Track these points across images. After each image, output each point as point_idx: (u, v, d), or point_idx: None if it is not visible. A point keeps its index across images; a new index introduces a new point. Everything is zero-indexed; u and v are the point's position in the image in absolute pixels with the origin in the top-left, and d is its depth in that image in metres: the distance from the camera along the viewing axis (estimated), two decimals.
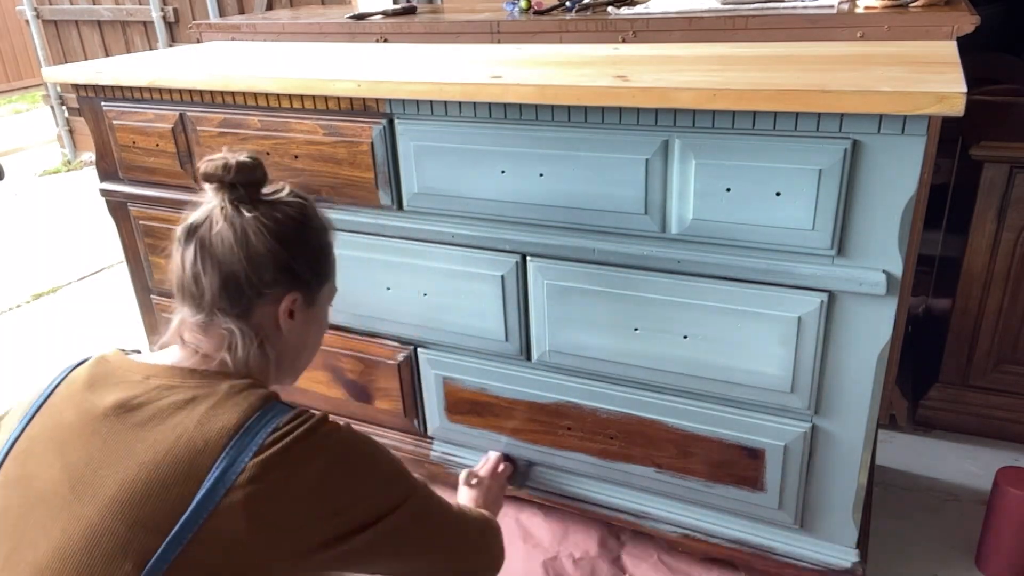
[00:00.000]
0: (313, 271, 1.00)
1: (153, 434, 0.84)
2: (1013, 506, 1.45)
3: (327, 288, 1.05)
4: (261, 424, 0.86)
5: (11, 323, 2.90)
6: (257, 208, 0.94)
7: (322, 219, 1.03)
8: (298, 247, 0.96)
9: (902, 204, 1.13)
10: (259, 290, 0.94)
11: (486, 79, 1.33)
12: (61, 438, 0.87)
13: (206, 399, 0.87)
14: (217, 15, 3.92)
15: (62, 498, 0.83)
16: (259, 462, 0.83)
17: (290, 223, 0.96)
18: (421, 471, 1.77)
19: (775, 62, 1.36)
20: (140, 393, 0.88)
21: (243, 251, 0.92)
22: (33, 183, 4.67)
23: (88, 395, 0.89)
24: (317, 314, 1.04)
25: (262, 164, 0.97)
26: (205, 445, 0.83)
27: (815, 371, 1.27)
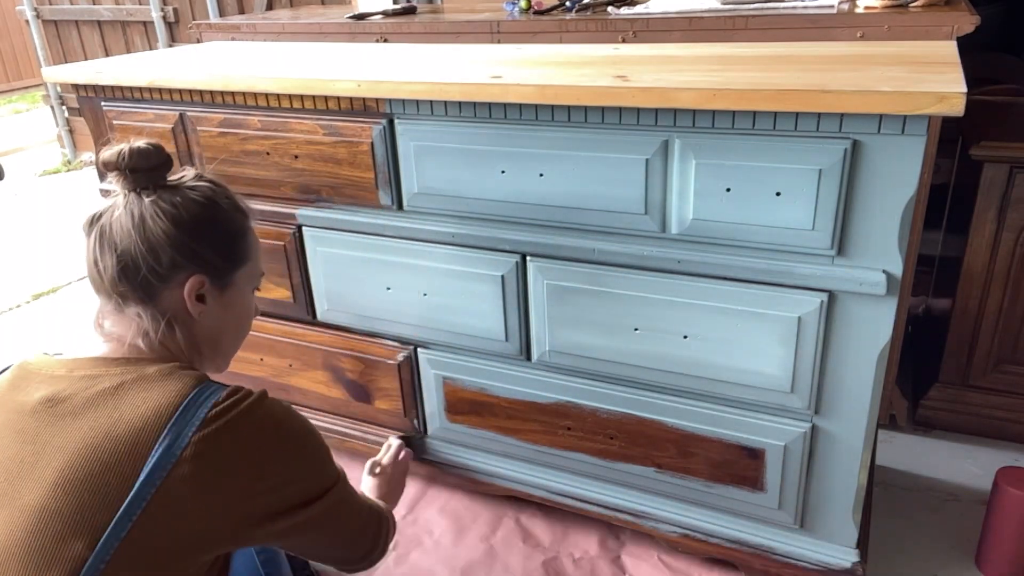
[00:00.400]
0: (220, 254, 0.99)
1: (87, 421, 0.85)
2: (1013, 506, 1.45)
3: (243, 272, 1.04)
4: (200, 400, 0.87)
5: (11, 323, 2.91)
6: (157, 193, 0.95)
7: (234, 203, 1.04)
8: (199, 230, 0.96)
9: (902, 204, 1.13)
10: (159, 274, 0.94)
11: (486, 79, 1.33)
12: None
13: (135, 384, 0.88)
14: (217, 15, 3.92)
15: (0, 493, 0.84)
16: (203, 436, 0.85)
17: (192, 206, 0.96)
18: (421, 471, 1.77)
19: (775, 62, 1.36)
20: (66, 386, 0.89)
21: (139, 235, 0.93)
22: (33, 183, 4.67)
23: (13, 395, 0.90)
24: (235, 298, 1.04)
25: (162, 150, 0.98)
26: (144, 424, 0.84)
27: (815, 371, 1.27)
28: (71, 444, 0.84)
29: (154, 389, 0.88)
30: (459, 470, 1.71)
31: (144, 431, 0.84)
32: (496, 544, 1.66)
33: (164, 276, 0.95)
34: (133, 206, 0.94)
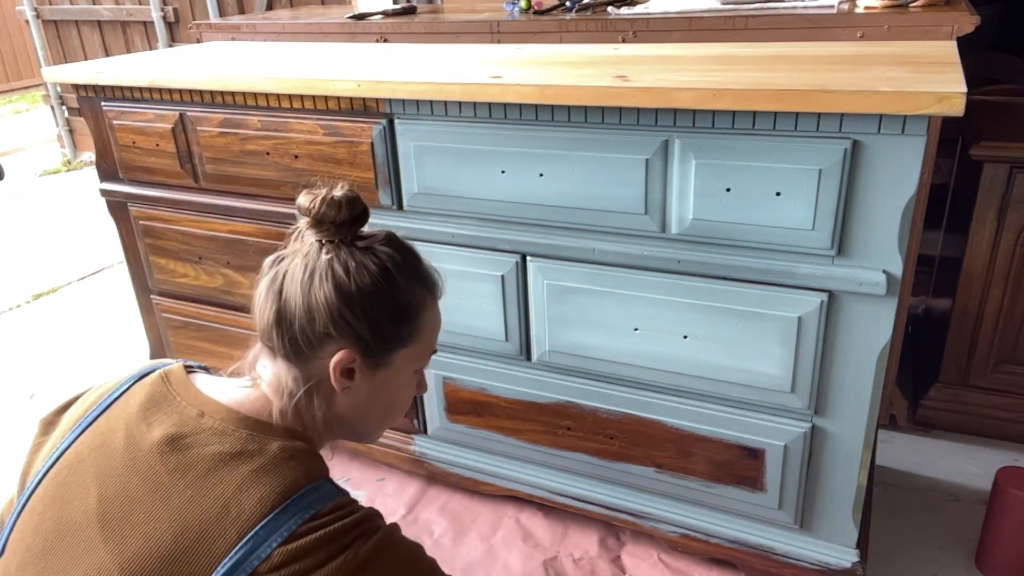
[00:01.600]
0: (376, 332, 0.89)
1: (191, 487, 0.79)
2: (1013, 506, 1.45)
3: (404, 353, 0.93)
4: (301, 504, 0.79)
5: (11, 323, 2.90)
6: (339, 251, 0.87)
7: (417, 276, 0.94)
8: (362, 304, 0.87)
9: (902, 204, 1.13)
10: (309, 339, 0.87)
11: (486, 79, 1.33)
12: (104, 464, 0.83)
13: (252, 459, 0.81)
14: (217, 15, 3.92)
15: (89, 536, 0.79)
16: (287, 551, 0.76)
17: (362, 276, 0.87)
18: (420, 471, 1.77)
19: (775, 62, 1.36)
20: (190, 432, 0.83)
21: (303, 292, 0.86)
22: (33, 183, 4.67)
23: (140, 422, 0.85)
24: (389, 380, 0.94)
25: (356, 202, 0.90)
26: (238, 516, 0.77)
27: (815, 371, 1.26)
28: (166, 512, 0.77)
29: (265, 473, 0.79)
30: (459, 470, 1.71)
31: (233, 526, 0.76)
32: (496, 544, 1.66)
33: (314, 343, 0.87)
34: (310, 259, 0.87)
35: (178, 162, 1.71)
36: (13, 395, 2.41)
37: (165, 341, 2.01)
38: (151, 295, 1.96)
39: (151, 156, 1.74)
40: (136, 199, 1.83)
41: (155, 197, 1.80)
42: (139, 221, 1.85)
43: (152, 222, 1.83)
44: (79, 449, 0.86)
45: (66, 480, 0.84)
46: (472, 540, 1.67)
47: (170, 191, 1.77)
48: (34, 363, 2.59)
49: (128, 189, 1.83)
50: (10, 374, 2.53)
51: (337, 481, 0.87)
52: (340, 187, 0.89)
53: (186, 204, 1.76)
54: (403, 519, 1.73)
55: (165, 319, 1.96)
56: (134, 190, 1.82)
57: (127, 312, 2.70)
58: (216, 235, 1.75)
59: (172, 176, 1.74)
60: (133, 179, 1.81)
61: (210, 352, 1.90)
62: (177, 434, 0.82)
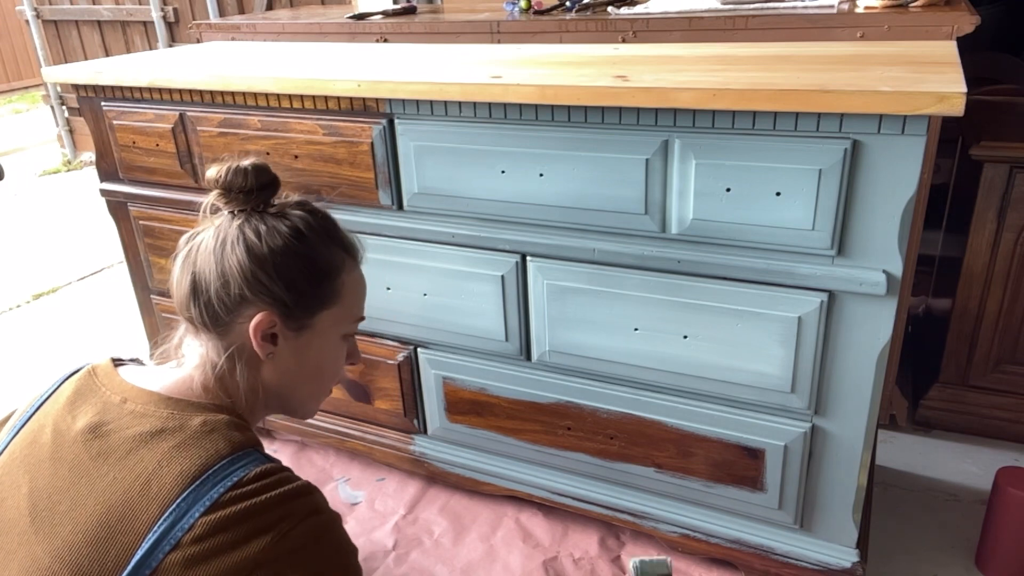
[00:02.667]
0: (293, 291, 0.89)
1: (113, 469, 0.79)
2: (1013, 506, 1.45)
3: (328, 314, 0.93)
4: (223, 475, 0.77)
5: (11, 323, 2.90)
6: (249, 218, 0.88)
7: (332, 237, 0.94)
8: (275, 263, 0.87)
9: (902, 204, 1.13)
10: (226, 304, 0.87)
11: (486, 79, 1.33)
12: (33, 459, 0.84)
13: (173, 434, 0.80)
14: (217, 15, 3.92)
15: (21, 531, 0.79)
16: (208, 521, 0.74)
17: (274, 237, 0.87)
18: (420, 471, 1.77)
19: (775, 62, 1.36)
20: (112, 419, 0.83)
21: (216, 259, 0.87)
22: (33, 183, 4.67)
23: (67, 413, 0.86)
24: (314, 343, 0.93)
25: (264, 170, 0.90)
26: (159, 491, 0.76)
27: (815, 371, 1.27)
28: (91, 497, 0.78)
29: (186, 447, 0.79)
30: (459, 470, 1.71)
31: (155, 500, 0.75)
32: (496, 544, 1.66)
33: (231, 308, 0.87)
34: (222, 229, 0.88)
35: (178, 162, 1.71)
36: (13, 395, 2.41)
37: None
38: (151, 295, 1.96)
39: (151, 156, 1.74)
40: (136, 199, 1.83)
41: (155, 197, 1.80)
42: (139, 221, 1.85)
43: (152, 222, 1.83)
44: (12, 450, 0.87)
45: (0, 481, 0.85)
46: (472, 540, 1.67)
47: (170, 191, 1.77)
48: (34, 363, 2.59)
49: (128, 189, 1.83)
50: (10, 374, 2.53)
51: (336, 481, 0.86)
52: (250, 158, 0.90)
53: (186, 204, 1.76)
54: (403, 519, 1.73)
55: (165, 319, 1.96)
56: (134, 190, 1.82)
57: (127, 312, 2.70)
58: None
59: (172, 176, 1.74)
60: (133, 179, 1.81)
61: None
62: (99, 421, 0.83)
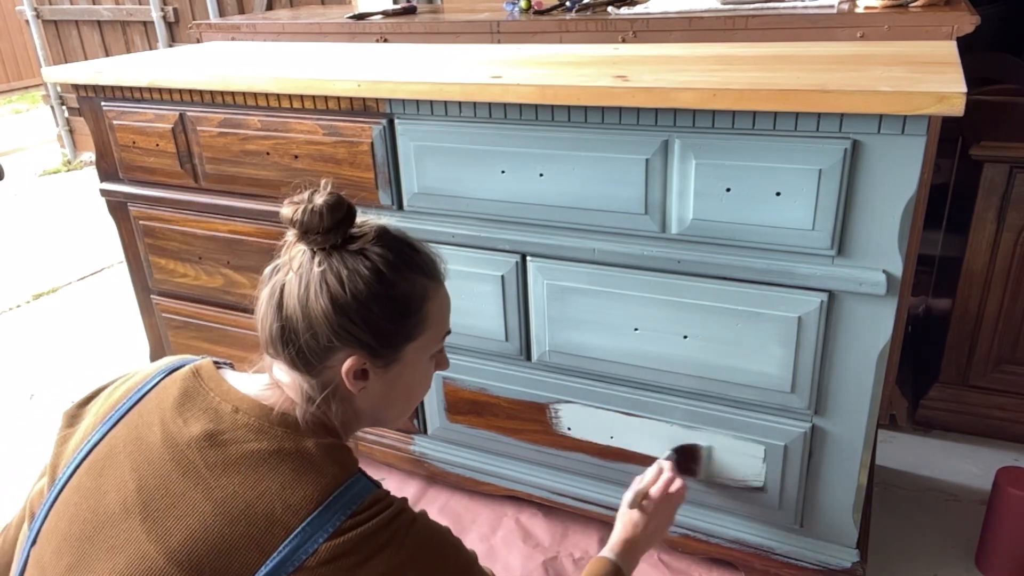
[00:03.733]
0: (377, 334, 0.89)
1: (233, 482, 0.81)
2: (1013, 506, 1.45)
3: (413, 346, 0.93)
4: (341, 502, 0.81)
5: (11, 323, 2.90)
6: (330, 259, 0.87)
7: (414, 267, 0.93)
8: (360, 311, 0.87)
9: (902, 204, 1.13)
10: (316, 352, 0.87)
11: (486, 79, 1.33)
12: (142, 456, 0.84)
13: (291, 458, 0.83)
14: (217, 15, 3.92)
15: (130, 526, 0.80)
16: (333, 546, 0.79)
17: (356, 283, 0.86)
18: (420, 471, 1.77)
19: (775, 62, 1.36)
20: (227, 428, 0.84)
21: (302, 307, 0.86)
22: (33, 183, 4.67)
23: (176, 416, 0.86)
24: (403, 371, 0.94)
25: (341, 206, 0.88)
26: (284, 513, 0.79)
27: (815, 371, 1.26)
28: (209, 506, 0.79)
29: (306, 471, 0.82)
30: (459, 470, 1.71)
31: (280, 523, 0.78)
32: (496, 544, 1.66)
33: (321, 355, 0.88)
34: (304, 272, 0.87)
35: (178, 162, 1.71)
36: (13, 395, 2.41)
37: (165, 341, 2.01)
38: (151, 295, 1.96)
39: (151, 156, 1.74)
40: (136, 199, 1.83)
41: (155, 197, 1.80)
42: (139, 221, 1.85)
43: (152, 222, 1.83)
44: (112, 442, 0.87)
45: (102, 472, 0.85)
46: (472, 540, 1.67)
47: (170, 191, 1.77)
48: (34, 363, 2.59)
49: (128, 189, 1.83)
50: (10, 374, 2.53)
51: None
52: (321, 192, 0.88)
53: (186, 204, 1.76)
54: None
55: (165, 319, 1.96)
56: (134, 190, 1.82)
57: (127, 312, 2.70)
58: (216, 235, 1.75)
59: (172, 176, 1.74)
60: (133, 179, 1.81)
61: (210, 352, 1.90)
62: (215, 430, 0.84)
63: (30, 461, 2.06)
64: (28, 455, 2.09)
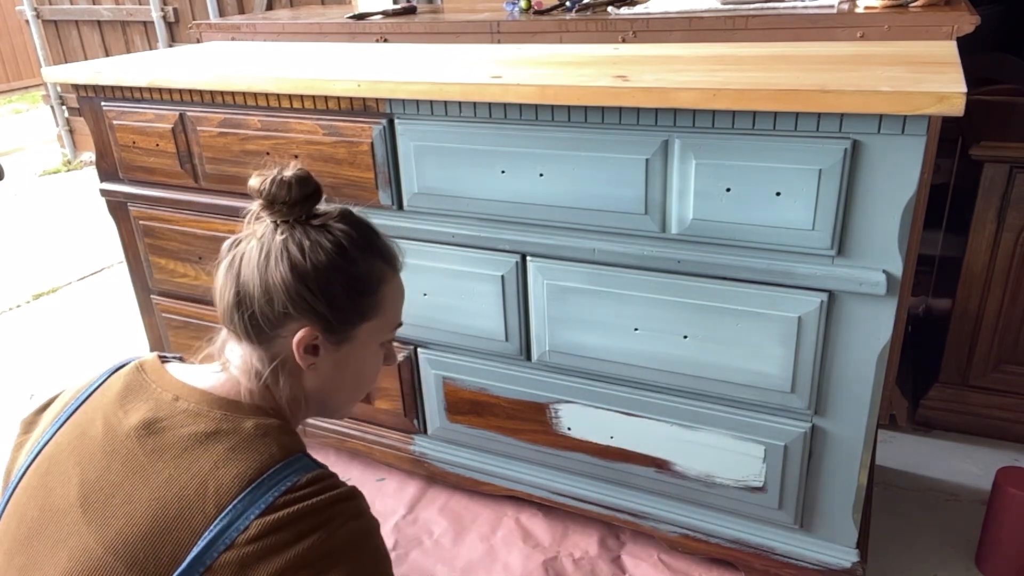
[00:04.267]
0: (335, 308, 0.90)
1: (168, 467, 0.80)
2: (1013, 506, 1.45)
3: (367, 327, 0.94)
4: (277, 479, 0.80)
5: (11, 323, 2.90)
6: (293, 231, 0.89)
7: (373, 251, 0.94)
8: (318, 281, 0.88)
9: (902, 204, 1.13)
10: (269, 319, 0.88)
11: (486, 79, 1.33)
12: (84, 451, 0.85)
13: (227, 437, 0.83)
14: (217, 15, 3.92)
15: (72, 520, 0.80)
16: (264, 523, 0.77)
17: (318, 254, 0.88)
18: (420, 471, 1.77)
19: (775, 62, 1.36)
20: (165, 416, 0.84)
21: (259, 274, 0.87)
22: (33, 183, 4.67)
23: (117, 409, 0.87)
24: (354, 353, 0.94)
25: (308, 181, 0.89)
26: (216, 492, 0.78)
27: (815, 371, 1.26)
28: (145, 492, 0.79)
29: (241, 450, 0.81)
30: (459, 470, 1.71)
31: (211, 500, 0.78)
32: (496, 544, 1.66)
33: (275, 322, 0.88)
34: (266, 240, 0.88)
35: (178, 162, 1.71)
36: (13, 395, 2.41)
37: (165, 341, 2.01)
38: (151, 295, 1.96)
39: (151, 156, 1.74)
40: (136, 199, 1.83)
41: (155, 197, 1.80)
42: (139, 221, 1.85)
43: (152, 222, 1.83)
44: (59, 441, 0.88)
45: (48, 470, 0.86)
46: (472, 540, 1.67)
47: (170, 191, 1.77)
48: (34, 363, 2.59)
49: (128, 189, 1.83)
50: (10, 374, 2.53)
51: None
52: (292, 167, 0.90)
53: (186, 204, 1.76)
54: (403, 519, 1.73)
55: (165, 319, 1.96)
56: (134, 190, 1.82)
57: (127, 312, 2.70)
58: (216, 235, 1.75)
59: (172, 176, 1.74)
60: (133, 179, 1.81)
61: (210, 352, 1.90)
62: (153, 418, 0.84)
63: None
64: None
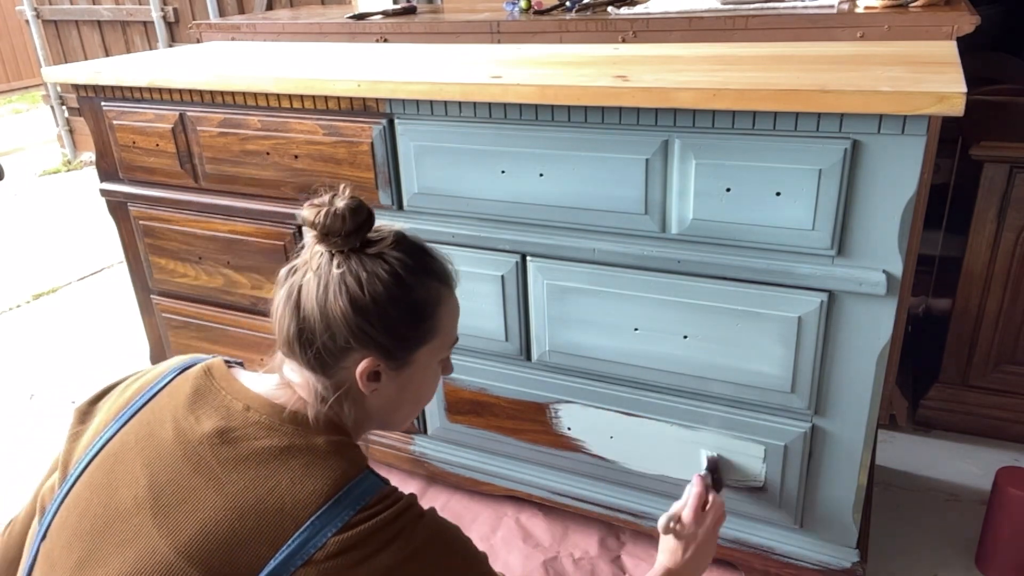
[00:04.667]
0: (395, 337, 0.91)
1: (244, 477, 0.82)
2: (1013, 506, 1.45)
3: (426, 349, 0.95)
4: (351, 497, 0.82)
5: (11, 323, 2.90)
6: (349, 261, 0.89)
7: (429, 273, 0.95)
8: (378, 313, 0.88)
9: (902, 204, 1.13)
10: (332, 352, 0.89)
11: (486, 79, 1.33)
12: (153, 452, 0.85)
13: (301, 454, 0.84)
14: (217, 15, 3.92)
15: (141, 520, 0.81)
16: (341, 540, 0.79)
17: (375, 285, 0.88)
18: (420, 471, 1.77)
19: (775, 62, 1.36)
20: (238, 426, 0.86)
21: (320, 308, 0.88)
22: (33, 183, 4.67)
23: (188, 414, 0.87)
24: (415, 375, 0.96)
25: (361, 210, 0.89)
26: (293, 507, 0.80)
27: (815, 371, 1.26)
28: (220, 501, 0.81)
29: (315, 467, 0.83)
30: (459, 470, 1.71)
31: (290, 516, 0.80)
32: (496, 544, 1.66)
33: (337, 355, 0.89)
34: (323, 273, 0.88)
35: (178, 162, 1.71)
36: (13, 395, 2.41)
37: (165, 341, 2.01)
38: (151, 295, 1.96)
39: (151, 156, 1.74)
40: (136, 199, 1.83)
41: (155, 197, 1.80)
42: (139, 221, 1.85)
43: (152, 222, 1.83)
44: (124, 439, 0.88)
45: (113, 468, 0.86)
46: (472, 540, 1.67)
47: (170, 191, 1.77)
48: (34, 363, 2.59)
49: (128, 189, 1.83)
50: (10, 374, 2.53)
51: None
52: (342, 195, 0.90)
53: (186, 204, 1.76)
54: None
55: (165, 319, 1.96)
56: (134, 190, 1.82)
57: (127, 312, 2.70)
58: (216, 235, 1.76)
59: (172, 176, 1.74)
60: (133, 179, 1.81)
61: (210, 352, 1.90)
62: (226, 427, 0.86)
63: (31, 461, 2.06)
64: (28, 455, 2.09)
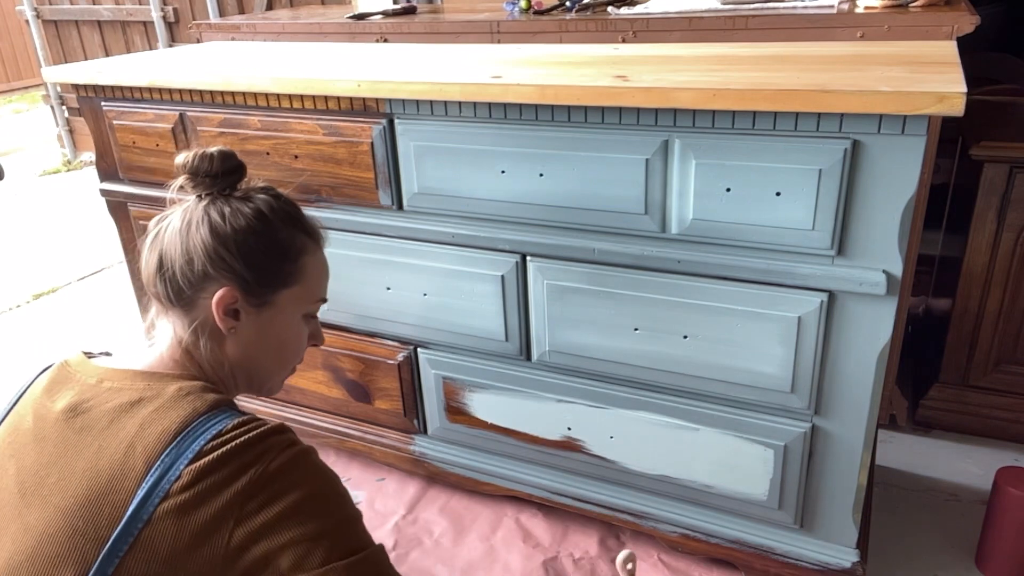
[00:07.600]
0: (253, 268, 0.93)
1: (97, 439, 0.82)
2: (1013, 506, 1.45)
3: (288, 293, 0.97)
4: (203, 429, 0.81)
5: (11, 323, 2.90)
6: (215, 200, 0.94)
7: (296, 222, 0.98)
8: (237, 241, 0.91)
9: (902, 204, 1.13)
10: (190, 280, 0.91)
11: (486, 79, 1.33)
12: (18, 443, 0.87)
13: (151, 401, 0.85)
14: (217, 15, 3.92)
15: (13, 506, 0.83)
16: (195, 468, 0.78)
17: (238, 218, 0.92)
18: (420, 471, 1.77)
19: (775, 62, 1.36)
20: (90, 396, 0.87)
21: (181, 239, 0.91)
22: (33, 183, 4.67)
23: (45, 400, 0.89)
24: (275, 320, 0.97)
25: (230, 157, 0.95)
26: (143, 449, 0.80)
27: (815, 371, 1.26)
28: (79, 464, 0.81)
29: (165, 410, 0.83)
30: (459, 470, 1.71)
31: (140, 457, 0.80)
32: (496, 544, 1.66)
33: (194, 283, 0.91)
34: (188, 210, 0.93)
35: None
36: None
37: None
38: None
39: (151, 156, 1.74)
40: (136, 199, 1.83)
41: (155, 197, 1.79)
42: (139, 221, 1.85)
43: None
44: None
45: None
46: (472, 540, 1.67)
47: None
48: (34, 363, 2.58)
49: (128, 189, 1.83)
50: (10, 374, 2.53)
51: None
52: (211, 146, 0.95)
53: None
54: (403, 519, 1.73)
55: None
56: (134, 190, 1.82)
57: (127, 312, 2.70)
58: None
59: (172, 176, 1.74)
60: (133, 179, 1.81)
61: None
62: (79, 400, 0.87)
63: None
64: None
